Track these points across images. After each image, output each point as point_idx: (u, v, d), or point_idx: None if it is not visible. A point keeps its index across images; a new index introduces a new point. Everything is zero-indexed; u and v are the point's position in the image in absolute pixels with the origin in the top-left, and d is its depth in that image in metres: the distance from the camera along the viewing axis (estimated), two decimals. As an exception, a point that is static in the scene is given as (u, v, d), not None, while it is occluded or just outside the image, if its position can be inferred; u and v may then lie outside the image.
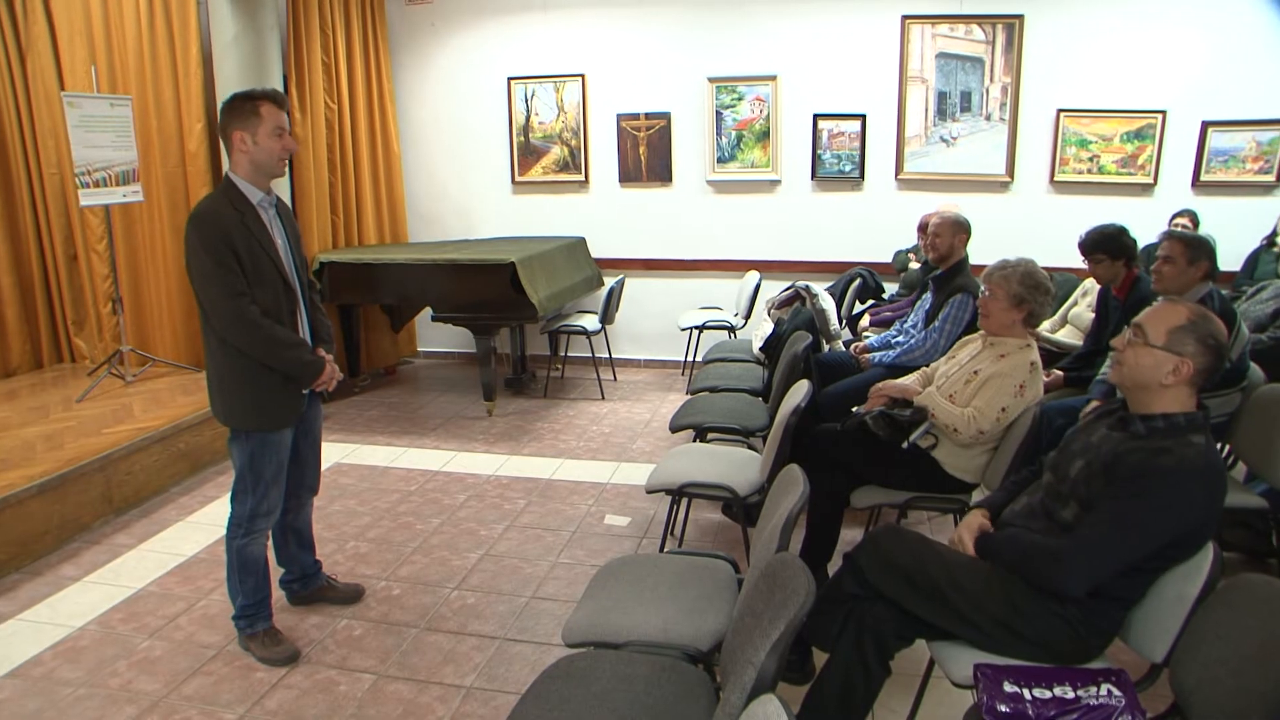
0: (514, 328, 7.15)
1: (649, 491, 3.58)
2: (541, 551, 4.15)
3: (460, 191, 7.82)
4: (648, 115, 7.36)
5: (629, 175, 7.48)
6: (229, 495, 3.22)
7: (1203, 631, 2.11)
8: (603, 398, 6.85)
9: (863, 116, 7.00)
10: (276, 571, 3.56)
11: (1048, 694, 2.16)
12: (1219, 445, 3.85)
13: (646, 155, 7.42)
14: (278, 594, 3.51)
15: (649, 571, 2.74)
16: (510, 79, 7.50)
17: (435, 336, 8.04)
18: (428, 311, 6.53)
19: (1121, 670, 2.25)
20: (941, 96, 6.93)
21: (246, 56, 6.13)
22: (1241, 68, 6.48)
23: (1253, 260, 6.32)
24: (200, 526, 4.43)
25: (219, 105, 5.89)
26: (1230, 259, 6.24)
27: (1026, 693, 2.16)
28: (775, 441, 3.25)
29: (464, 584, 3.83)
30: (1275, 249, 6.02)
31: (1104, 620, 2.30)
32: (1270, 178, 6.62)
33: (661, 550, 3.81)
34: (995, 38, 6.78)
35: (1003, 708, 2.11)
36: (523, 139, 7.60)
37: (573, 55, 7.38)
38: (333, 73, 6.81)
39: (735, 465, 3.60)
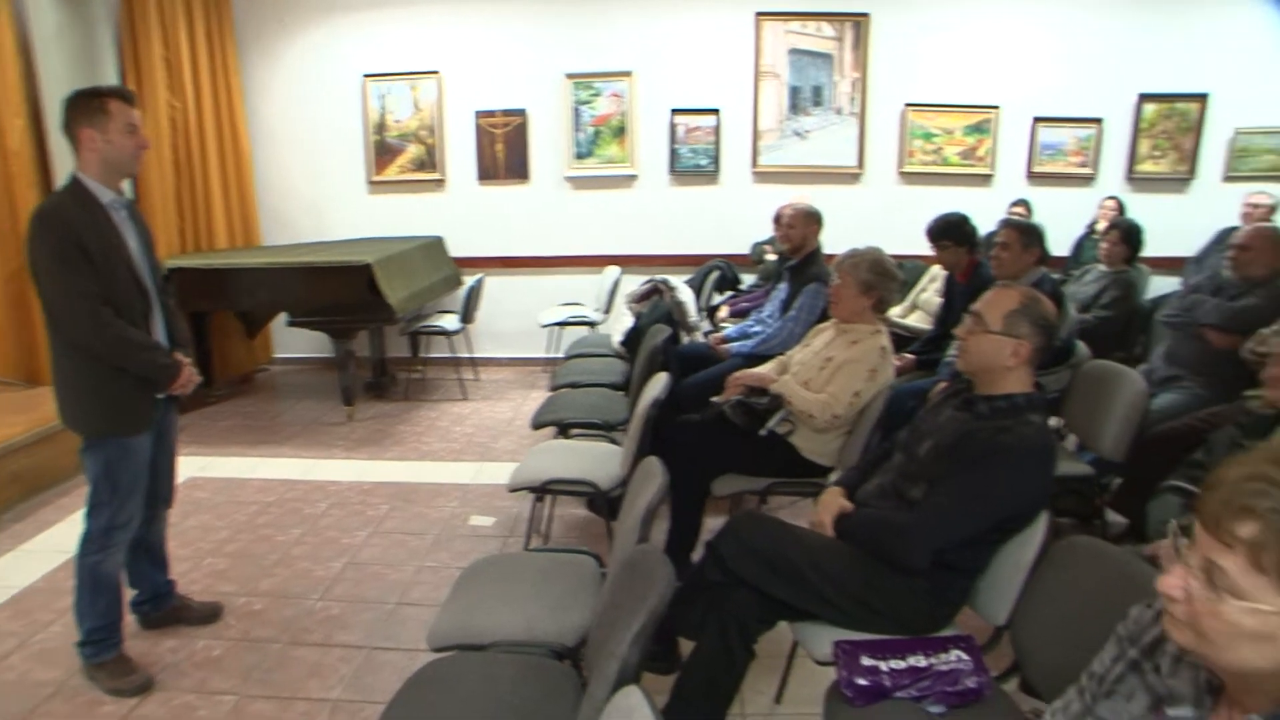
0: (373, 330, 6.98)
1: (511, 490, 3.55)
2: (406, 556, 4.07)
3: (314, 192, 7.58)
4: (505, 112, 7.30)
5: (487, 173, 7.41)
6: (81, 512, 3.03)
7: (1037, 593, 2.23)
8: (465, 398, 6.77)
9: (718, 111, 7.12)
10: (128, 595, 3.37)
11: (903, 664, 2.24)
12: (1053, 419, 4.10)
13: (504, 152, 7.36)
14: (129, 619, 3.32)
15: (513, 570, 2.72)
16: (365, 76, 7.32)
17: (292, 342, 7.77)
18: (283, 317, 6.31)
19: (969, 635, 2.36)
20: (794, 91, 7.12)
21: (75, 50, 5.79)
22: (1064, 69, 7.00)
23: (1078, 246, 6.80)
24: (36, 554, 4.15)
25: (46, 102, 5.59)
26: (1061, 245, 6.72)
27: (883, 664, 2.23)
28: (635, 435, 3.27)
29: (328, 594, 3.72)
30: (1095, 236, 6.44)
31: (952, 591, 2.42)
32: (1089, 170, 7.15)
33: (526, 549, 3.80)
34: (844, 35, 7.01)
35: (861, 681, 2.18)
36: (378, 137, 7.43)
37: (428, 52, 7.26)
38: (174, 68, 6.49)
39: (597, 460, 3.60)
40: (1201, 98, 7.02)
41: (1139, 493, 3.56)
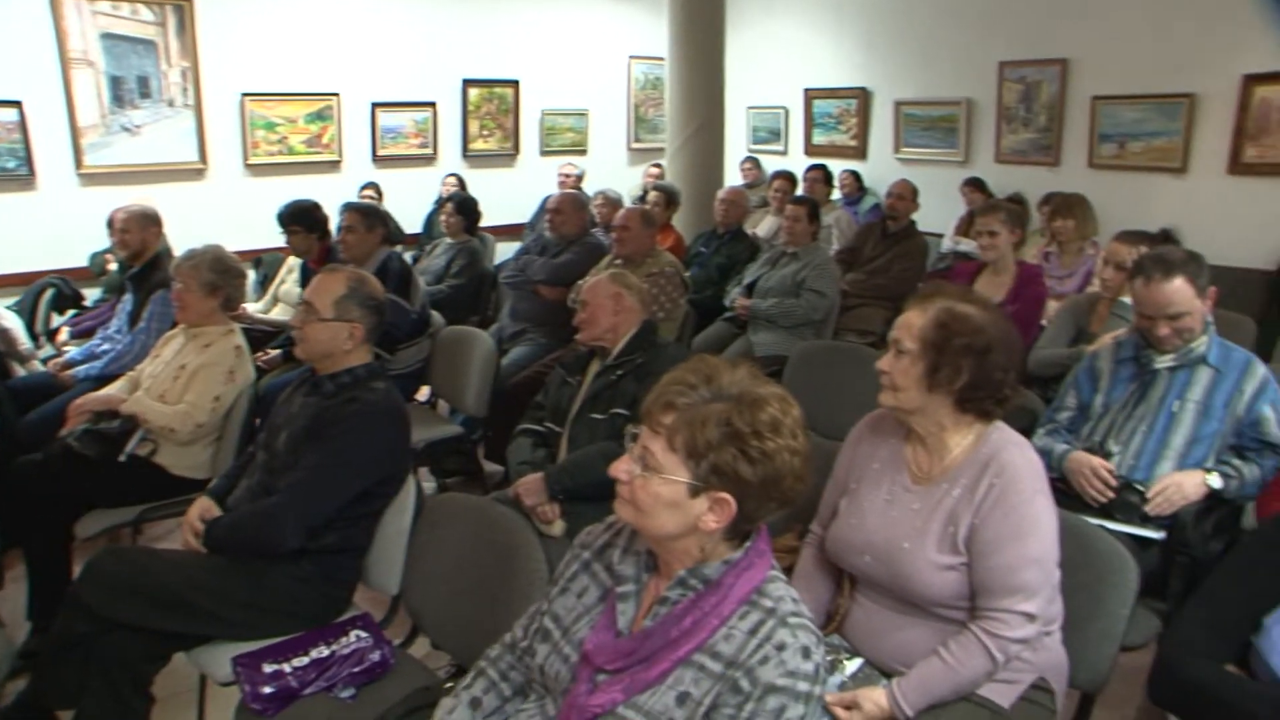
0: None
1: None
2: None
3: None
4: None
5: None
6: None
7: (420, 555, 2.40)
8: None
9: (20, 104, 6.20)
10: None
11: (306, 659, 2.25)
12: (423, 389, 4.37)
13: None
14: None
15: None
16: None
17: None
18: None
19: (365, 613, 2.46)
20: (116, 81, 6.48)
21: None
22: (397, 55, 7.42)
23: (429, 222, 7.30)
24: None
25: None
26: (415, 223, 7.19)
27: (286, 666, 2.23)
28: (-38, 492, 2.82)
29: None
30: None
31: (343, 572, 2.48)
32: (430, 151, 7.75)
33: None
34: (167, 19, 6.55)
35: (267, 689, 2.15)
36: None
37: None
38: None
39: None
40: (514, 83, 8.02)
41: (504, 441, 3.95)
